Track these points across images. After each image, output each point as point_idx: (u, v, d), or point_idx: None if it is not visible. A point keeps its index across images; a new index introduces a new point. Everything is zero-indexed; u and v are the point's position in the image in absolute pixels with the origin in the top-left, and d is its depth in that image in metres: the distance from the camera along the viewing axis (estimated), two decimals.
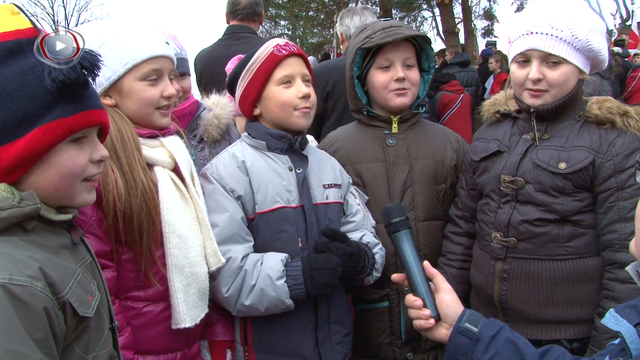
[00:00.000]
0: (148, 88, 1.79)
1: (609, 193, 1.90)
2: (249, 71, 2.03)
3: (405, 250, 1.56)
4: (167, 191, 1.78)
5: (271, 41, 2.06)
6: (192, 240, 1.80)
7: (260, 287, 1.85)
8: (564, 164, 1.92)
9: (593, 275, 1.95)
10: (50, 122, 1.14)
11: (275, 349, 1.98)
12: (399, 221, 1.58)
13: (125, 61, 1.75)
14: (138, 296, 1.77)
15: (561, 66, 1.92)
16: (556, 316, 1.97)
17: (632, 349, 1.05)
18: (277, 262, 1.88)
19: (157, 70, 1.80)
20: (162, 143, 1.86)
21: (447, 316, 1.46)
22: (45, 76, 1.12)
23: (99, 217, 1.66)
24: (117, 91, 1.78)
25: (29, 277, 1.03)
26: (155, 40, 1.84)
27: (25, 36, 1.15)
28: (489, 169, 2.11)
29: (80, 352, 1.16)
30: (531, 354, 1.34)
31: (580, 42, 1.90)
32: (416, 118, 2.38)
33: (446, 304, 1.47)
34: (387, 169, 2.29)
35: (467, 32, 17.84)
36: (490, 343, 1.36)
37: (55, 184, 1.19)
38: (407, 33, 2.19)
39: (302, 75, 2.03)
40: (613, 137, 1.91)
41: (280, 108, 2.01)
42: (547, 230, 1.95)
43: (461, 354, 1.39)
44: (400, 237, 1.58)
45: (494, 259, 2.05)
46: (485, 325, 1.40)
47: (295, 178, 2.01)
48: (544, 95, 1.96)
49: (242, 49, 2.95)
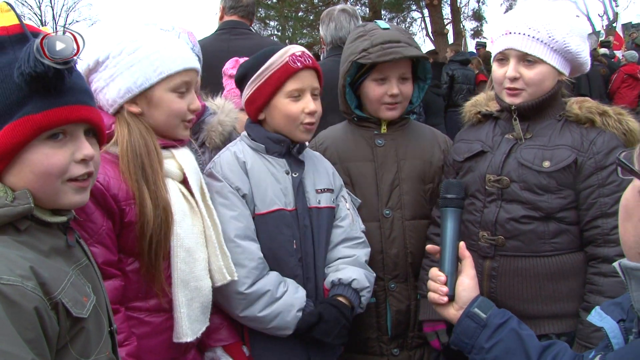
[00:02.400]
0: (177, 100, 1.78)
1: (591, 190, 1.94)
2: (260, 76, 2.01)
3: (447, 226, 1.62)
4: (176, 204, 1.76)
5: (288, 48, 2.03)
6: (199, 254, 1.79)
7: (280, 310, 1.91)
8: (548, 162, 1.96)
9: (578, 270, 2.00)
10: (19, 119, 1.11)
11: (268, 347, 2.01)
12: (453, 198, 1.65)
13: (160, 70, 1.73)
14: (140, 306, 1.76)
15: (537, 66, 1.98)
16: (544, 311, 2.01)
17: (615, 344, 1.07)
18: (302, 296, 1.97)
19: (187, 82, 1.79)
20: (173, 155, 1.84)
21: (460, 298, 1.51)
22: (14, 70, 1.09)
23: (108, 227, 1.64)
24: (145, 99, 1.75)
25: (19, 276, 1.01)
26: (188, 52, 1.84)
27: (8, 33, 1.13)
28: (473, 169, 2.14)
29: (77, 354, 1.14)
30: (533, 346, 1.37)
31: (557, 44, 1.95)
32: (405, 120, 2.41)
33: (463, 287, 1.53)
34: (376, 169, 2.31)
35: (456, 33, 17.95)
36: (496, 330, 1.40)
37: (32, 184, 1.15)
38: (405, 53, 2.16)
39: (312, 89, 2.03)
40: (593, 135, 1.96)
41: (285, 120, 2.02)
42: (533, 227, 1.99)
43: (467, 337, 1.44)
44: (448, 213, 1.64)
45: (482, 258, 2.08)
46: (494, 314, 1.45)
47: (291, 181, 2.04)
48: (521, 93, 2.01)
49: (242, 44, 2.91)
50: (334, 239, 2.12)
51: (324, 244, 2.07)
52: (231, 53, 2.15)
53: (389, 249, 2.27)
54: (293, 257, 1.99)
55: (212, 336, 1.98)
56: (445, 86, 8.85)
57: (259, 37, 3.48)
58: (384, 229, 2.27)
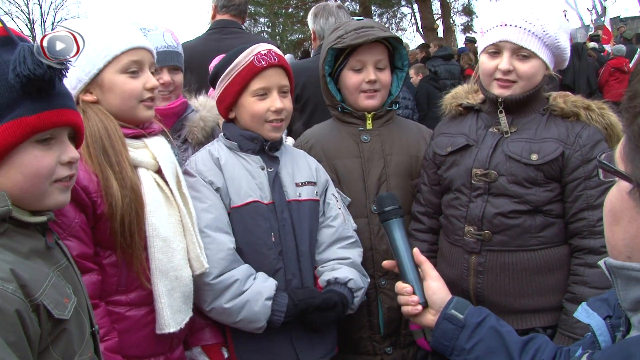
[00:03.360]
0: (129, 80, 1.77)
1: (577, 182, 1.95)
2: (227, 76, 2.03)
3: (396, 238, 1.59)
4: (151, 194, 1.76)
5: (254, 48, 2.04)
6: (176, 244, 1.79)
7: (247, 298, 1.87)
8: (536, 155, 1.97)
9: (563, 263, 2.01)
10: (12, 121, 1.11)
11: (254, 348, 1.99)
12: (391, 209, 1.61)
13: (105, 54, 1.73)
14: (120, 300, 1.74)
15: (531, 60, 1.97)
16: (530, 305, 2.01)
17: (601, 341, 1.06)
18: (272, 284, 1.92)
19: (137, 62, 1.78)
20: (145, 144, 1.84)
21: (434, 303, 1.48)
22: (10, 71, 1.09)
23: (81, 220, 1.64)
24: (98, 86, 1.76)
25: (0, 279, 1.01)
26: (133, 32, 1.82)
27: None
28: (458, 163, 2.13)
29: (59, 356, 1.14)
30: (514, 342, 1.36)
31: (550, 39, 1.96)
32: (390, 115, 2.41)
33: (433, 291, 1.50)
34: (362, 165, 2.31)
35: (446, 28, 17.98)
36: (475, 330, 1.38)
37: (21, 185, 1.16)
38: (378, 35, 2.20)
39: (279, 87, 2.03)
40: (579, 129, 1.98)
41: (251, 119, 2.04)
42: (520, 221, 1.99)
43: (446, 339, 1.42)
44: (392, 225, 1.60)
45: (468, 253, 2.08)
46: (471, 313, 1.43)
47: (267, 176, 2.04)
48: (512, 86, 2.01)
49: (233, 43, 2.88)
50: (325, 239, 2.11)
51: (307, 237, 2.06)
52: (222, 53, 2.16)
53: (379, 245, 2.27)
54: (272, 250, 1.98)
55: (195, 335, 1.99)
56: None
57: (249, 35, 3.46)
58: (372, 225, 2.27)
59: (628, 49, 12.38)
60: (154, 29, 2.32)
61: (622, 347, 0.90)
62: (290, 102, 2.08)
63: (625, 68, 11.10)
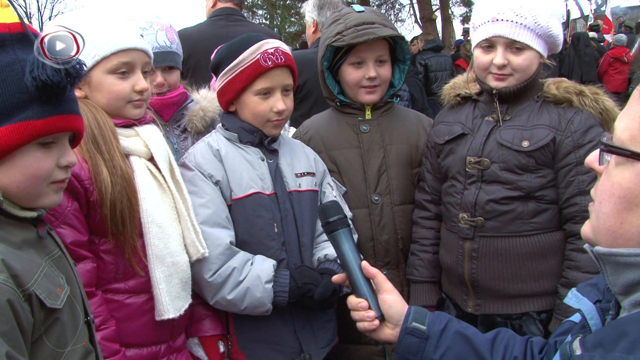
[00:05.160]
0: (117, 82, 1.76)
1: (569, 168, 1.97)
2: (230, 70, 1.99)
3: (345, 250, 1.46)
4: (144, 180, 1.76)
5: (261, 44, 1.98)
6: (172, 230, 1.79)
7: (247, 286, 1.87)
8: (527, 142, 1.99)
9: (556, 248, 2.03)
10: (20, 122, 1.12)
11: (257, 338, 2.01)
12: (336, 220, 1.47)
13: (94, 53, 1.71)
14: (119, 288, 1.75)
15: (525, 52, 1.99)
16: (524, 290, 2.04)
17: (592, 324, 1.06)
18: (269, 266, 1.91)
19: (127, 63, 1.77)
20: (137, 132, 1.83)
21: (391, 316, 1.41)
22: (27, 73, 1.09)
23: (74, 208, 1.64)
24: (86, 83, 1.76)
25: None
26: (127, 33, 1.79)
27: (10, 31, 1.12)
28: (454, 151, 2.16)
29: (52, 346, 1.14)
30: (482, 342, 1.33)
31: (542, 29, 1.97)
32: (389, 104, 2.40)
33: (389, 304, 1.42)
34: (362, 155, 2.31)
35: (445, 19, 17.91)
36: (440, 338, 1.34)
37: (18, 184, 1.17)
38: (378, 34, 2.16)
39: (282, 87, 2.01)
40: (571, 115, 1.99)
41: (253, 117, 2.03)
42: (512, 207, 2.01)
43: (412, 354, 1.36)
44: (339, 237, 1.47)
45: (462, 239, 2.10)
46: (432, 321, 1.37)
47: (267, 167, 2.04)
48: (508, 78, 2.03)
49: (240, 30, 2.90)
50: (320, 226, 2.12)
51: (308, 228, 2.07)
52: (229, 39, 2.15)
53: (380, 235, 2.27)
54: (275, 240, 1.98)
55: (194, 326, 2.00)
56: (420, 76, 8.52)
57: (253, 25, 3.46)
58: (373, 215, 2.28)
59: (629, 38, 12.33)
60: (148, 27, 2.30)
61: (616, 327, 0.90)
62: (291, 100, 2.08)
63: (625, 58, 11.07)
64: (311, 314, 2.05)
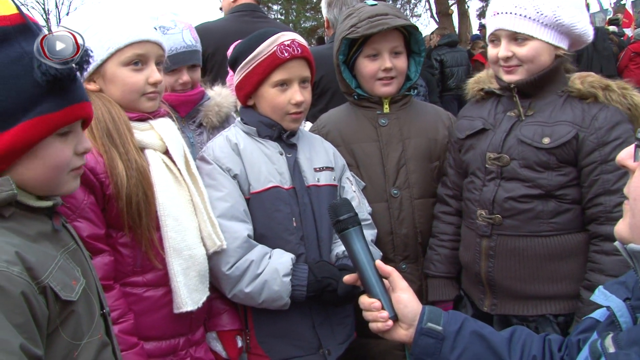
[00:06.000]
0: (131, 74, 1.77)
1: (593, 166, 1.91)
2: (248, 64, 2.00)
3: (356, 249, 1.43)
4: (159, 174, 1.76)
5: (277, 37, 1.99)
6: (188, 223, 1.79)
7: (265, 279, 1.87)
8: (548, 138, 1.94)
9: (578, 251, 1.97)
10: (39, 117, 1.13)
11: (276, 333, 2.01)
12: (347, 218, 1.44)
13: (108, 45, 1.73)
14: (137, 281, 1.76)
15: (528, 42, 1.96)
16: (542, 292, 1.99)
17: (622, 322, 1.04)
18: (287, 260, 1.91)
19: (141, 55, 1.77)
20: (152, 126, 1.84)
21: (405, 316, 1.38)
22: (35, 69, 1.10)
23: (90, 201, 1.65)
24: (100, 76, 1.77)
25: (5, 262, 1.02)
26: (141, 25, 1.80)
27: (11, 23, 1.12)
28: (475, 147, 2.13)
29: (68, 338, 1.15)
30: (499, 341, 1.31)
31: (547, 18, 1.92)
32: (407, 98, 2.40)
33: (404, 304, 1.38)
34: (381, 149, 2.30)
35: (461, 14, 17.76)
36: (457, 339, 1.32)
37: (41, 176, 1.19)
38: (392, 23, 2.17)
39: (300, 79, 2.01)
40: (596, 110, 1.92)
41: (271, 110, 2.02)
42: (531, 206, 1.97)
43: (428, 355, 1.33)
44: (350, 235, 1.43)
45: (480, 237, 2.08)
46: (447, 321, 1.35)
47: (286, 161, 2.04)
48: (517, 70, 2.00)
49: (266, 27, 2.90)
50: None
51: (326, 222, 2.05)
52: None
53: (399, 229, 2.27)
54: (294, 235, 1.98)
55: (212, 320, 2.01)
56: (436, 72, 8.49)
57: (275, 22, 3.48)
58: (392, 209, 2.27)
59: None
60: (173, 27, 2.32)
61: None
62: (309, 93, 2.07)
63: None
64: (330, 309, 2.04)
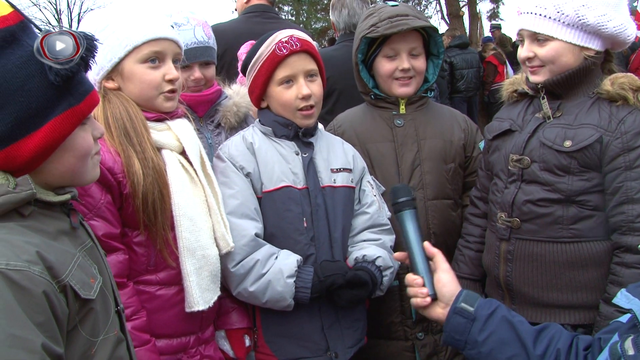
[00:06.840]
0: (149, 71, 1.78)
1: (617, 173, 1.82)
2: (253, 67, 2.04)
3: (408, 229, 1.57)
4: (175, 174, 1.78)
5: (275, 36, 2.01)
6: (202, 223, 1.80)
7: (269, 279, 1.87)
8: (569, 142, 1.88)
9: (599, 260, 1.88)
10: (66, 112, 1.15)
11: (284, 333, 2.00)
12: (404, 201, 1.59)
13: (126, 43, 1.75)
14: (150, 280, 1.77)
15: (549, 43, 1.91)
16: (560, 300, 1.93)
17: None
18: (293, 261, 1.90)
19: (158, 52, 1.79)
20: (169, 127, 1.86)
21: (443, 295, 1.46)
22: (47, 72, 1.11)
23: (107, 200, 1.67)
24: (119, 74, 1.79)
25: (26, 261, 1.03)
26: (158, 23, 1.82)
27: (14, 22, 1.12)
28: (500, 148, 2.10)
29: (87, 335, 1.16)
30: (526, 331, 1.34)
31: (569, 18, 1.86)
32: (423, 99, 2.40)
33: (442, 283, 1.47)
34: (396, 149, 2.31)
35: (472, 15, 17.67)
36: (487, 322, 1.37)
37: (73, 166, 1.22)
38: (412, 24, 2.18)
39: (305, 72, 2.00)
40: (624, 114, 1.84)
41: (282, 108, 2.04)
42: (551, 211, 1.92)
43: (458, 334, 1.40)
44: (405, 216, 1.58)
45: (499, 240, 2.05)
46: (481, 305, 1.40)
47: (301, 161, 2.04)
48: (540, 71, 1.97)
49: (277, 28, 2.93)
50: (359, 224, 2.11)
51: (340, 224, 2.04)
52: None
53: None
54: (304, 235, 1.97)
55: (221, 318, 2.01)
56: (446, 74, 8.39)
57: (287, 22, 3.48)
58: None
59: None
60: (185, 23, 2.32)
61: None
62: (319, 86, 2.06)
63: None
64: (340, 312, 2.03)
